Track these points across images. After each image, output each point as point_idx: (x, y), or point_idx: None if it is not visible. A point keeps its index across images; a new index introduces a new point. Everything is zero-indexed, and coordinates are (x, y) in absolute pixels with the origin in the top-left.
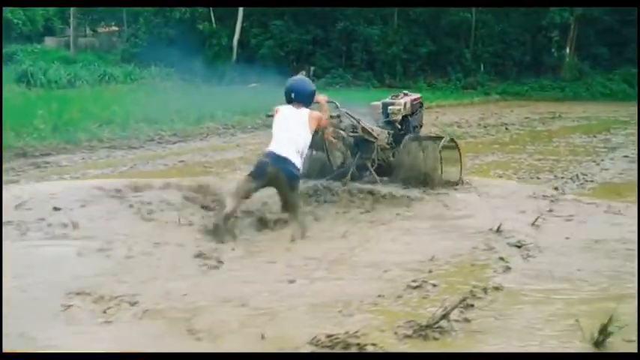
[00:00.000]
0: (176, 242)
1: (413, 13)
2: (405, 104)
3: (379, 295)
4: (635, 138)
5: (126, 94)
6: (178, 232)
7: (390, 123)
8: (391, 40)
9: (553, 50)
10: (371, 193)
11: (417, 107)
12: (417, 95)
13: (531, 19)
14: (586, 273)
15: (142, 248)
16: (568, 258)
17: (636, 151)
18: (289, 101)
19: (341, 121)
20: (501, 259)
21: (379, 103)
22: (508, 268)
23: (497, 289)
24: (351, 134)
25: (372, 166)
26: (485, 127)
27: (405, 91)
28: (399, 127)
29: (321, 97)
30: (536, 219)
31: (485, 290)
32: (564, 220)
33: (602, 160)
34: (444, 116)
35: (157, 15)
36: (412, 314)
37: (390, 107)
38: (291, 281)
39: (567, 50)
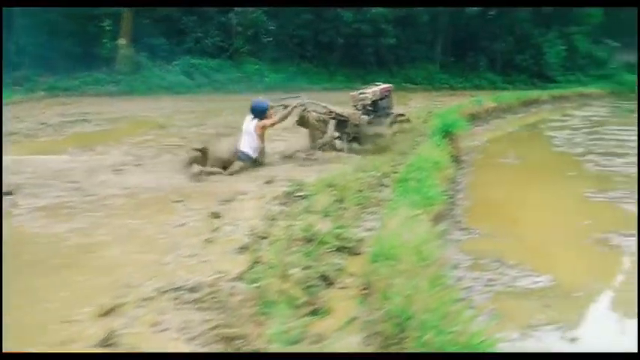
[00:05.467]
0: None
1: None
2: (373, 92)
3: None
4: None
5: None
6: None
7: (364, 106)
8: None
9: (106, 41)
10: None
11: (385, 94)
12: (388, 85)
13: (80, 8)
14: None
15: None
16: None
17: None
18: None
19: (315, 110)
20: None
21: (357, 92)
22: None
23: None
24: (329, 117)
25: (348, 138)
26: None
27: (378, 83)
28: (371, 108)
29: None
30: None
31: None
32: None
33: None
34: None
35: None
36: None
37: (361, 95)
38: None
39: (122, 41)
